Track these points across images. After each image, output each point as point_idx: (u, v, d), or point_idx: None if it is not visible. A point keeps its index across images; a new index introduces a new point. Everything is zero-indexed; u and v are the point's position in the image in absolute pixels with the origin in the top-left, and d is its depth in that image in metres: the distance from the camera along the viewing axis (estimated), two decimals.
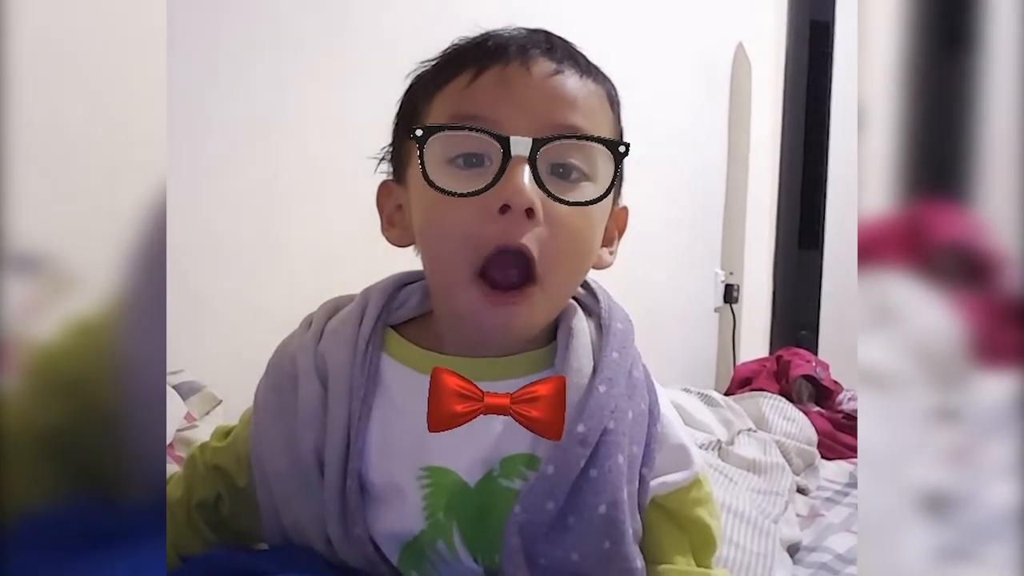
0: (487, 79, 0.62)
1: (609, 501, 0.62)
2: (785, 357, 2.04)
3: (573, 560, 0.62)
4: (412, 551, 0.65)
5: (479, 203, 0.60)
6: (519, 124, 0.60)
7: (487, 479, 0.64)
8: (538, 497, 0.62)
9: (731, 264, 2.50)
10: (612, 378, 0.64)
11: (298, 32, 1.25)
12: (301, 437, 0.65)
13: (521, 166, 0.59)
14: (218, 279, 1.16)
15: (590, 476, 0.62)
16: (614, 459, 0.63)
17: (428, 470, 0.64)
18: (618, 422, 0.64)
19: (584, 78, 0.64)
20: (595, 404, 0.63)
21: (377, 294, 0.70)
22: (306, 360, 0.67)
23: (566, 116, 0.62)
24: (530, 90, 0.62)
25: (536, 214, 0.60)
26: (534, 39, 0.64)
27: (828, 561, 1.18)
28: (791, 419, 1.70)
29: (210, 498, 0.71)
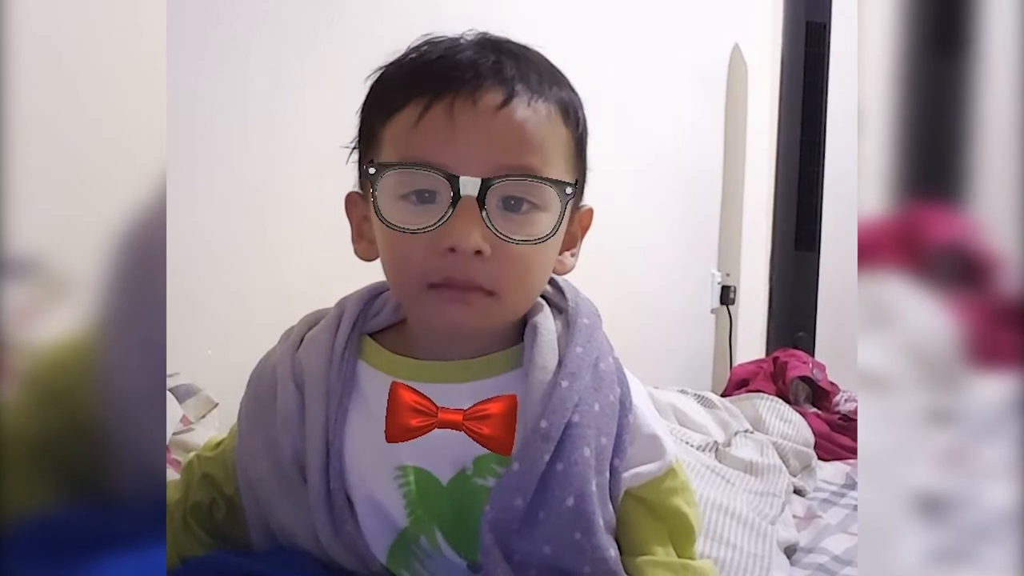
0: (435, 116, 0.62)
1: (576, 493, 0.63)
2: (782, 358, 2.04)
3: (546, 553, 0.64)
4: (399, 549, 0.67)
5: (429, 240, 0.62)
6: (468, 164, 0.62)
7: (460, 477, 0.65)
8: (506, 494, 0.63)
9: (727, 266, 2.50)
10: (575, 372, 0.66)
11: (292, 34, 1.25)
12: (280, 442, 0.68)
13: (470, 206, 0.61)
14: (214, 282, 1.16)
15: (556, 470, 0.64)
16: (580, 452, 0.64)
17: (402, 469, 0.66)
18: (583, 415, 0.65)
19: (534, 101, 0.64)
20: (557, 399, 0.64)
21: (353, 303, 0.72)
22: (284, 368, 0.70)
23: (515, 155, 0.63)
24: (478, 128, 0.62)
25: (484, 254, 0.62)
26: (483, 60, 0.64)
27: (825, 562, 1.18)
28: (788, 420, 1.70)
29: (204, 502, 0.74)
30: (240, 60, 1.18)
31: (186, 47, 1.09)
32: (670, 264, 2.29)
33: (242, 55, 1.18)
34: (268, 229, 1.23)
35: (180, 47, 1.06)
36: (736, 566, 1.05)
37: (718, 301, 2.48)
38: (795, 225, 2.61)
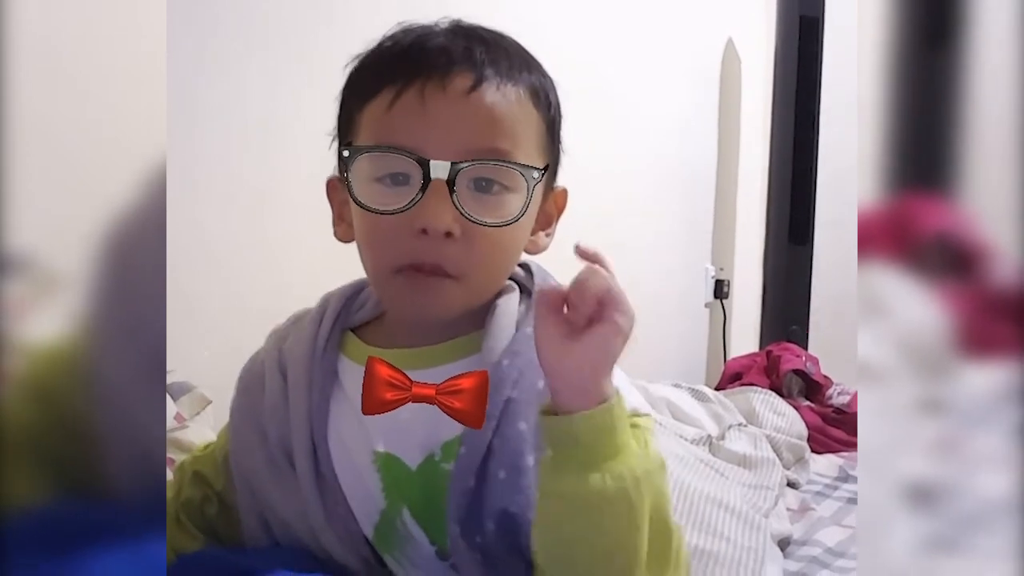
0: (406, 102, 0.64)
1: (508, 466, 0.64)
2: (775, 352, 2.04)
3: (489, 528, 0.64)
4: (383, 529, 0.68)
5: (401, 221, 0.64)
6: (438, 147, 0.63)
7: (428, 463, 0.67)
8: (462, 476, 0.65)
9: (721, 260, 2.51)
10: (518, 351, 0.67)
11: (290, 34, 1.25)
12: (269, 431, 0.70)
13: (441, 188, 0.63)
14: (209, 280, 1.16)
15: (493, 444, 0.65)
16: (515, 427, 0.65)
17: (375, 455, 0.68)
18: (523, 391, 0.66)
19: (503, 84, 0.66)
20: (497, 377, 0.65)
21: (336, 298, 0.75)
22: (271, 359, 0.73)
23: (484, 139, 0.65)
24: (448, 112, 0.64)
25: (454, 235, 0.63)
26: (454, 45, 0.66)
27: (818, 555, 1.19)
28: (781, 414, 1.70)
29: (195, 498, 0.76)
30: (238, 61, 1.18)
31: (184, 47, 1.09)
32: (664, 258, 2.29)
33: (240, 56, 1.18)
34: (265, 228, 1.23)
35: (179, 47, 1.06)
36: (730, 559, 1.06)
37: (712, 295, 2.48)
38: (789, 219, 2.61)
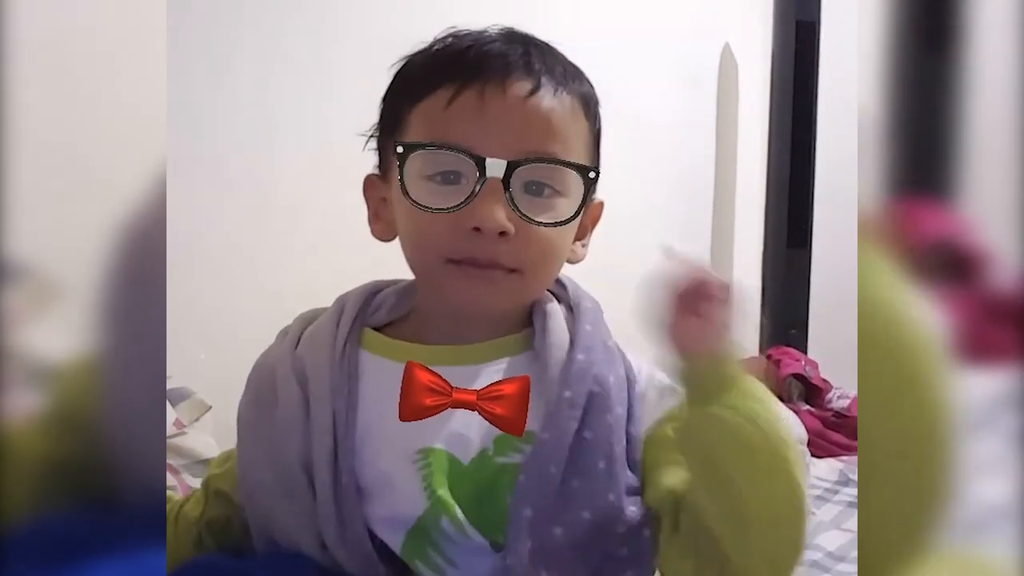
0: (465, 101, 0.64)
1: (607, 456, 0.64)
2: (775, 356, 2.04)
3: (585, 518, 0.63)
4: (416, 535, 0.65)
5: (454, 219, 0.64)
6: (495, 147, 0.64)
7: (481, 457, 0.66)
8: (540, 463, 0.63)
9: (719, 264, 2.50)
10: (590, 347, 0.67)
11: (290, 35, 1.25)
12: (284, 444, 0.67)
13: (495, 187, 0.63)
14: (207, 285, 1.16)
15: (584, 436, 0.64)
16: (604, 418, 0.65)
17: (422, 452, 0.66)
18: (602, 385, 0.66)
19: (559, 92, 0.67)
20: (577, 370, 0.66)
21: (353, 298, 0.73)
22: (284, 368, 0.69)
23: (540, 141, 0.65)
24: (506, 114, 0.65)
25: (507, 234, 0.64)
26: (512, 51, 0.66)
27: (819, 559, 1.19)
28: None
29: (219, 518, 0.74)
30: (238, 61, 1.18)
31: (184, 49, 1.09)
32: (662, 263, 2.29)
33: (240, 56, 1.18)
34: (261, 232, 1.23)
35: (178, 49, 1.06)
36: None
37: None
38: (787, 223, 2.61)
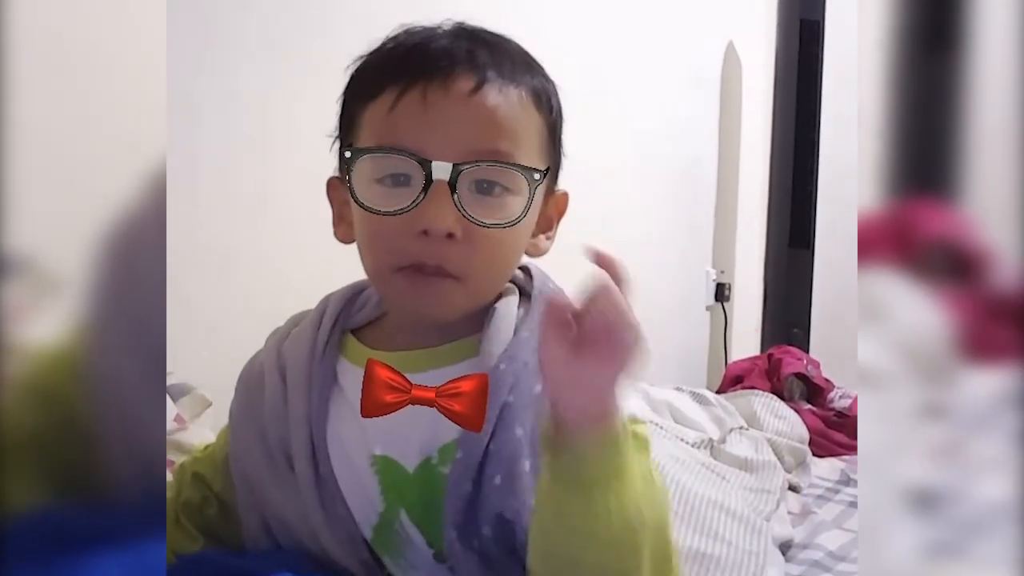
0: (409, 102, 0.64)
1: (504, 472, 0.64)
2: (776, 355, 2.04)
3: (485, 533, 0.64)
4: (380, 532, 0.68)
5: (402, 222, 0.63)
6: (440, 148, 0.63)
7: (425, 466, 0.67)
8: (459, 482, 0.64)
9: (722, 263, 2.50)
10: (514, 355, 0.67)
11: (290, 35, 1.25)
12: (269, 432, 0.70)
13: (442, 190, 0.63)
14: (209, 282, 1.16)
15: (489, 450, 0.64)
16: (510, 432, 0.65)
17: (373, 458, 0.68)
18: (519, 396, 0.65)
19: (506, 87, 0.66)
20: (494, 382, 0.64)
21: (336, 299, 0.75)
22: (270, 361, 0.72)
23: (486, 140, 0.65)
24: (450, 113, 0.64)
25: (455, 236, 0.63)
26: (457, 47, 0.66)
27: (820, 558, 1.19)
28: (782, 417, 1.70)
29: (195, 499, 0.77)
30: (238, 61, 1.18)
31: (182, 49, 1.09)
32: (665, 261, 2.29)
33: (239, 56, 1.18)
34: (264, 229, 1.23)
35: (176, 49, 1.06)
36: (731, 562, 1.06)
37: (713, 298, 2.48)
38: (790, 222, 2.61)
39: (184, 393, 1.06)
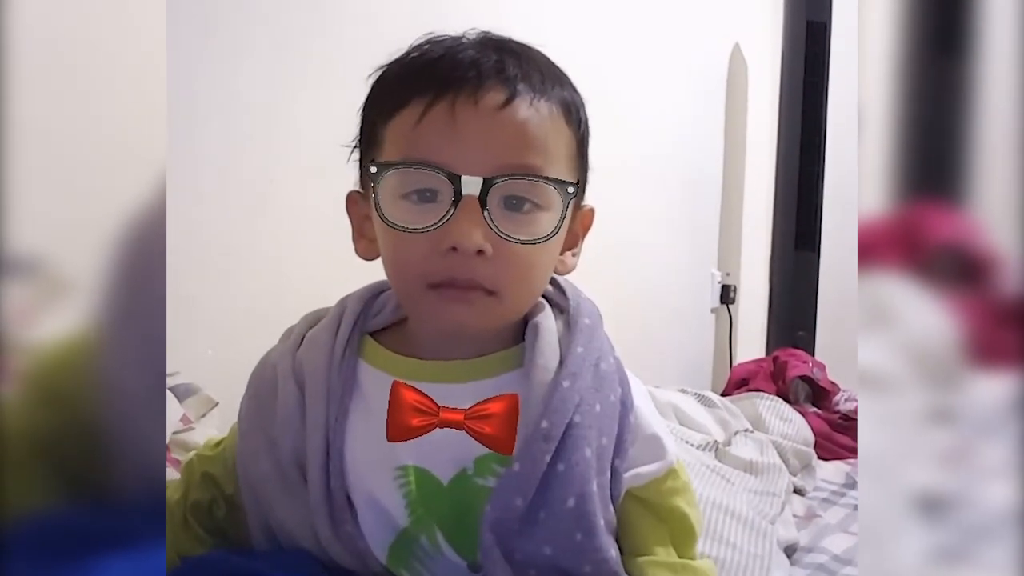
0: (437, 115, 0.62)
1: (577, 494, 0.63)
2: (782, 358, 2.04)
3: (546, 554, 0.64)
4: (399, 548, 0.66)
5: (431, 239, 0.62)
6: (470, 162, 0.62)
7: (461, 477, 0.65)
8: (507, 494, 0.63)
9: (728, 265, 2.50)
10: (576, 372, 0.66)
11: (290, 35, 1.25)
12: (280, 441, 0.68)
13: (472, 205, 0.61)
14: (214, 282, 1.16)
15: (557, 470, 0.63)
16: (581, 452, 0.64)
17: (403, 469, 0.66)
18: (584, 415, 0.65)
19: (536, 100, 0.64)
20: (559, 399, 0.64)
21: (354, 302, 0.72)
22: (284, 366, 0.69)
23: (517, 155, 0.63)
24: (480, 127, 0.62)
25: (485, 253, 0.62)
26: (485, 59, 0.64)
27: (825, 562, 1.18)
28: (788, 420, 1.70)
29: (204, 500, 0.74)
30: (238, 61, 1.18)
31: (183, 48, 1.09)
32: (670, 263, 2.29)
33: (240, 56, 1.18)
34: (267, 228, 1.23)
35: (177, 48, 1.06)
36: (736, 566, 1.05)
37: (718, 300, 2.48)
38: (795, 225, 2.61)
39: (190, 393, 1.06)
